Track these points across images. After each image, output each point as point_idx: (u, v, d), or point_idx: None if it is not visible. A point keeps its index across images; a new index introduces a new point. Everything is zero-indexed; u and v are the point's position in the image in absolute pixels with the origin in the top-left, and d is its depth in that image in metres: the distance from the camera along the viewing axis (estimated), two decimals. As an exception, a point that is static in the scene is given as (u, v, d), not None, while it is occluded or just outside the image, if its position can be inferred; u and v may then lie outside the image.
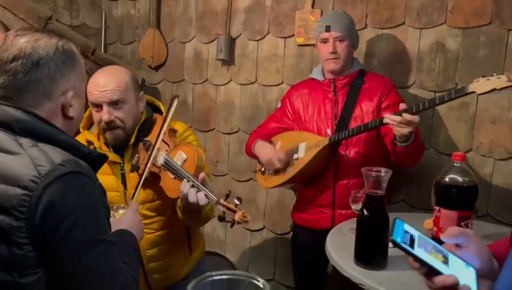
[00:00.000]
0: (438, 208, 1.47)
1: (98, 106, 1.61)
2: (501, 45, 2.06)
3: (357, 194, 1.76)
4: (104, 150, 1.67)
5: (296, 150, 2.12)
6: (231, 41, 2.92)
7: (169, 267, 1.81)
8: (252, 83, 2.88)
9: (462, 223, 1.42)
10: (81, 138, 1.67)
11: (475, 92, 1.66)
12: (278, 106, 2.34)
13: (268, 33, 2.79)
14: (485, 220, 2.04)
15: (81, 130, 1.71)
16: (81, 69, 1.20)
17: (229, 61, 2.93)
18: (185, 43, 3.17)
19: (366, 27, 2.43)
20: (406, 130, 1.77)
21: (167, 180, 1.61)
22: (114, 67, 1.74)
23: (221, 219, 1.48)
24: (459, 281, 0.81)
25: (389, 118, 1.79)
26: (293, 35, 2.67)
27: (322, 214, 2.14)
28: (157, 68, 3.33)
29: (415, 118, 1.75)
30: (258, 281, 0.64)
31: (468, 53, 2.15)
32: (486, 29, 2.10)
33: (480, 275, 0.86)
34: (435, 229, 1.49)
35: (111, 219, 1.42)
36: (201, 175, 1.50)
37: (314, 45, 2.54)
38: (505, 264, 0.80)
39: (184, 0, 3.15)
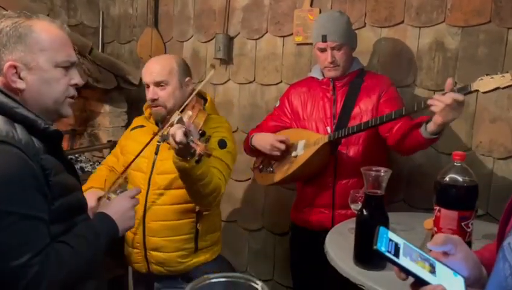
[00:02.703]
0: (438, 208, 1.46)
1: (148, 86, 1.90)
2: (500, 43, 2.05)
3: (356, 193, 1.74)
4: (151, 122, 1.96)
5: (295, 148, 2.11)
6: (229, 40, 2.90)
7: (167, 250, 1.86)
8: (251, 82, 2.87)
9: (463, 223, 1.41)
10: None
11: (479, 90, 1.64)
12: (277, 105, 2.32)
13: (267, 32, 2.78)
14: (485, 220, 2.03)
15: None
16: (38, 42, 1.21)
17: (227, 60, 2.92)
18: (182, 42, 3.16)
19: (364, 26, 2.41)
20: (451, 115, 1.65)
21: None
22: (165, 55, 2.11)
23: (192, 155, 1.56)
24: None
25: (437, 99, 1.64)
26: (292, 34, 2.66)
27: (322, 214, 2.13)
28: (155, 67, 3.31)
29: (461, 97, 1.63)
30: (257, 283, 0.63)
31: (467, 52, 2.14)
32: (485, 28, 2.09)
33: (468, 283, 0.83)
34: (435, 229, 1.47)
35: (104, 200, 1.50)
36: (186, 121, 1.59)
37: (312, 44, 2.53)
38: (493, 271, 0.78)
39: (182, -1, 3.14)
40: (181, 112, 1.72)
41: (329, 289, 1.97)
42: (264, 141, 2.15)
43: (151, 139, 1.81)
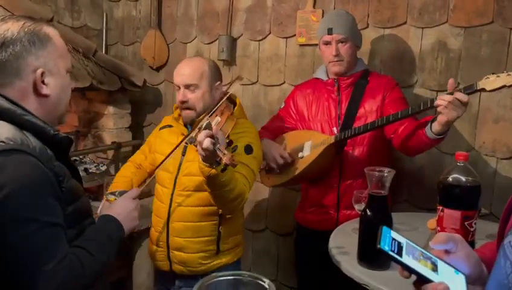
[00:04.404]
0: (441, 207, 1.47)
1: (178, 87, 1.90)
2: (503, 43, 2.06)
3: (359, 194, 1.75)
4: (180, 123, 1.95)
5: (301, 149, 2.12)
6: (232, 42, 2.91)
7: (189, 250, 1.87)
8: (254, 83, 2.88)
9: (466, 223, 1.41)
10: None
11: (485, 88, 1.64)
12: (282, 106, 2.33)
13: (270, 33, 2.79)
14: (488, 220, 2.03)
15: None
16: (57, 49, 1.22)
17: (230, 61, 2.93)
18: (186, 43, 3.17)
19: (367, 26, 2.42)
20: (455, 113, 1.67)
21: None
22: (196, 58, 2.07)
23: (218, 163, 1.55)
24: (450, 289, 0.79)
25: (441, 98, 1.67)
26: (295, 35, 2.67)
27: (327, 215, 2.13)
28: (158, 69, 3.33)
29: (465, 97, 1.64)
30: (264, 281, 0.64)
31: (470, 52, 2.15)
32: (488, 28, 2.09)
33: (469, 281, 0.84)
34: (439, 229, 1.48)
35: (104, 203, 1.48)
36: (214, 128, 1.58)
37: (315, 44, 2.54)
38: (493, 269, 0.78)
39: (185, 1, 3.15)
40: (210, 116, 1.72)
41: (334, 289, 1.97)
42: (267, 151, 2.13)
43: (180, 142, 1.81)
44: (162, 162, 1.82)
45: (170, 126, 2.00)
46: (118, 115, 3.19)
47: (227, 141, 1.60)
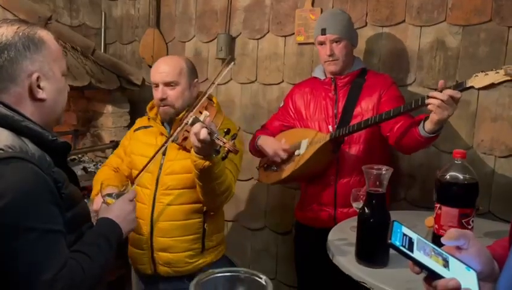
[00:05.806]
0: (438, 205, 1.47)
1: (156, 85, 1.90)
2: (501, 42, 2.06)
3: (358, 192, 1.75)
4: (158, 122, 1.95)
5: (298, 147, 2.13)
6: (231, 40, 2.92)
7: (175, 250, 1.87)
8: (252, 82, 2.88)
9: (463, 221, 1.42)
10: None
11: (473, 86, 1.65)
12: (281, 105, 2.35)
13: (268, 32, 2.79)
14: (487, 218, 2.04)
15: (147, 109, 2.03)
16: (51, 52, 1.21)
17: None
18: (184, 42, 3.18)
19: (366, 25, 2.43)
20: (446, 112, 1.67)
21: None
22: (173, 56, 2.10)
23: (217, 151, 1.56)
24: (461, 285, 0.79)
25: (432, 95, 1.67)
26: (293, 33, 2.67)
27: (324, 212, 2.14)
28: (157, 68, 3.33)
29: (458, 94, 1.65)
30: (261, 278, 0.64)
31: (468, 50, 2.15)
32: (486, 27, 2.09)
33: (481, 278, 0.84)
34: (436, 226, 1.49)
35: (102, 205, 1.47)
36: (208, 119, 1.57)
37: (314, 43, 2.55)
38: (505, 265, 0.79)
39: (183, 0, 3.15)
40: (193, 112, 1.71)
41: (333, 287, 1.98)
42: (269, 146, 2.16)
43: (166, 141, 1.79)
44: (146, 165, 1.79)
45: (146, 127, 1.99)
46: (116, 114, 3.20)
47: (225, 130, 1.59)
